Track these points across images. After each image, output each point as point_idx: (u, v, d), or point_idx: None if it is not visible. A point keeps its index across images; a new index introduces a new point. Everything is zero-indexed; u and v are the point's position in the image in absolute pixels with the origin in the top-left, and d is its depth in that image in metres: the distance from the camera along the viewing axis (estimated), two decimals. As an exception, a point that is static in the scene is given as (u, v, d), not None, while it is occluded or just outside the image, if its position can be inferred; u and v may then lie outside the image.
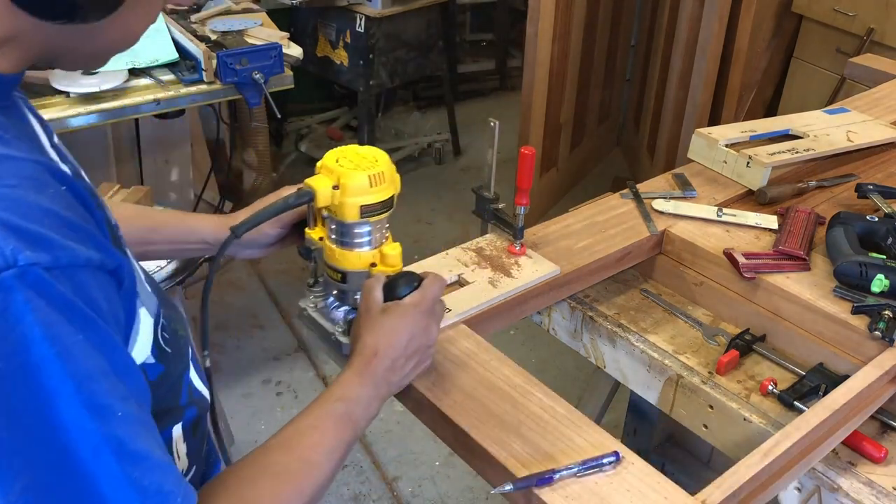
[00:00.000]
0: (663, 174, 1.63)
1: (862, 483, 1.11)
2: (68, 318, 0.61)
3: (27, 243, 0.60)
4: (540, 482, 0.93)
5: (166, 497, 0.64)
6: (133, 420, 0.64)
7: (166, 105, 2.22)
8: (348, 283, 1.08)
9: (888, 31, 3.05)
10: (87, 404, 0.61)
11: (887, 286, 1.26)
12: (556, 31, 3.17)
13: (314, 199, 1.00)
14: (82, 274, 0.63)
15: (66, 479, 0.60)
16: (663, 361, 1.29)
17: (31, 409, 0.59)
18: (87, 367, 0.61)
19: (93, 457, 0.61)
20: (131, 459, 0.62)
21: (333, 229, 1.05)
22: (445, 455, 2.48)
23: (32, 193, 0.63)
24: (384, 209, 1.03)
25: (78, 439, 0.60)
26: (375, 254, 1.06)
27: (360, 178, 1.00)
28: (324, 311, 1.13)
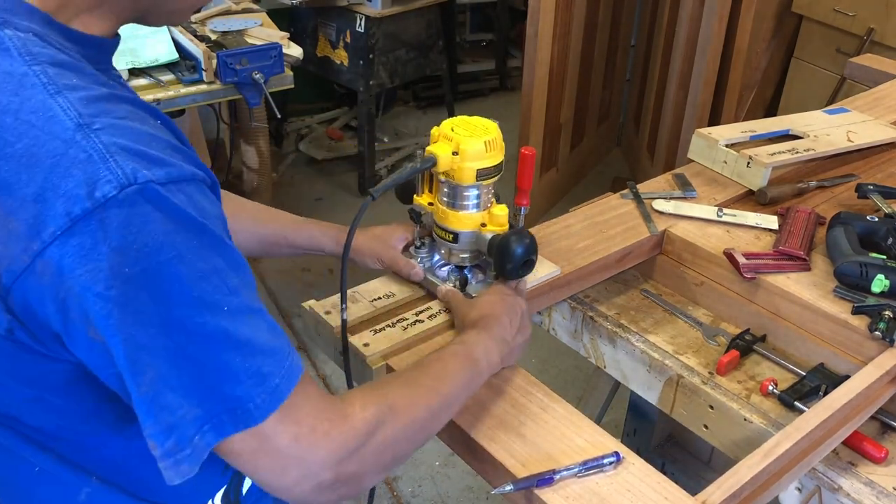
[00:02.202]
0: (663, 174, 1.63)
1: (862, 483, 1.11)
2: (184, 226, 0.69)
3: (143, 163, 0.69)
4: (540, 482, 0.93)
5: (264, 378, 0.73)
6: (240, 310, 0.73)
7: (166, 105, 2.22)
8: (459, 243, 1.19)
9: (888, 31, 3.05)
10: (200, 301, 0.70)
11: (887, 286, 1.26)
12: (556, 31, 3.17)
13: (436, 164, 1.11)
14: (190, 186, 0.72)
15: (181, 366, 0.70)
16: (663, 361, 1.29)
17: (154, 309, 0.68)
18: (201, 267, 0.70)
19: (202, 346, 0.70)
20: (235, 347, 0.71)
21: (447, 193, 1.16)
22: (445, 455, 2.48)
23: (139, 123, 0.72)
24: (496, 173, 1.14)
25: (191, 332, 0.70)
26: (484, 215, 1.17)
27: (478, 144, 1.10)
28: (430, 270, 1.24)
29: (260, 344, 0.74)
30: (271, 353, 0.74)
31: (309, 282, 3.22)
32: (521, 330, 1.11)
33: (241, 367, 0.72)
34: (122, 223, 0.67)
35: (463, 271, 1.23)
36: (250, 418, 0.72)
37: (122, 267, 0.67)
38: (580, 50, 3.49)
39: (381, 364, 1.10)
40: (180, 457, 0.71)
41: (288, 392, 0.74)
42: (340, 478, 0.78)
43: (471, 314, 1.10)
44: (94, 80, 0.74)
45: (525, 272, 1.16)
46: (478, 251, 1.20)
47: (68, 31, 0.76)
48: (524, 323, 1.12)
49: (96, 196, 0.66)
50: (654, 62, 3.64)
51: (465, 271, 1.23)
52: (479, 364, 1.00)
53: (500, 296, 1.13)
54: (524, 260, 1.13)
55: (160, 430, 0.70)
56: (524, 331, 1.12)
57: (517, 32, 4.76)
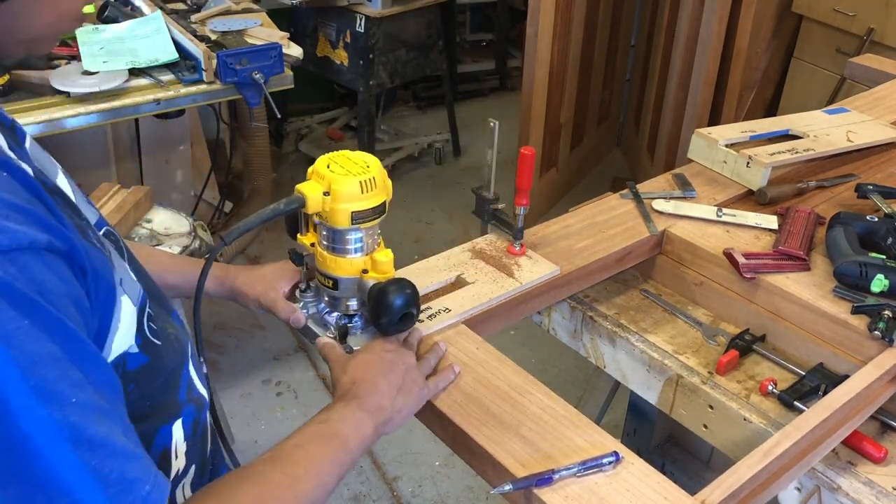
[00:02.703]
0: (663, 174, 1.63)
1: (862, 483, 1.11)
2: (11, 304, 0.58)
3: None
4: (540, 482, 0.93)
5: (131, 484, 0.62)
6: (89, 406, 0.61)
7: (166, 105, 2.22)
8: (340, 290, 1.08)
9: (888, 31, 3.05)
10: (36, 390, 0.58)
11: (887, 286, 1.26)
12: (556, 31, 3.17)
13: (304, 205, 1.00)
14: (25, 256, 0.60)
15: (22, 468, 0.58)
16: (663, 361, 1.29)
17: None
18: (34, 351, 0.59)
19: (47, 444, 0.58)
20: (88, 446, 0.60)
21: (325, 235, 1.05)
22: (445, 455, 2.48)
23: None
24: (375, 215, 1.02)
25: (30, 427, 0.58)
26: (367, 260, 1.06)
27: (352, 184, 0.99)
28: (315, 316, 1.13)
29: (119, 446, 0.62)
30: (134, 458, 0.63)
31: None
32: (405, 390, 1.00)
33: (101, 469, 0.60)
34: None
35: (351, 319, 1.11)
36: None
37: None
38: (580, 50, 3.49)
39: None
40: None
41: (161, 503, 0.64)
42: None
43: (343, 378, 0.99)
44: None
45: (404, 327, 1.05)
46: (363, 299, 1.08)
47: None
48: (409, 380, 1.01)
49: None
50: (654, 62, 3.64)
51: (355, 318, 1.11)
52: (348, 443, 0.89)
53: (379, 354, 1.02)
54: (402, 313, 1.02)
55: None
56: (409, 390, 1.00)
57: (517, 32, 4.76)
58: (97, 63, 2.17)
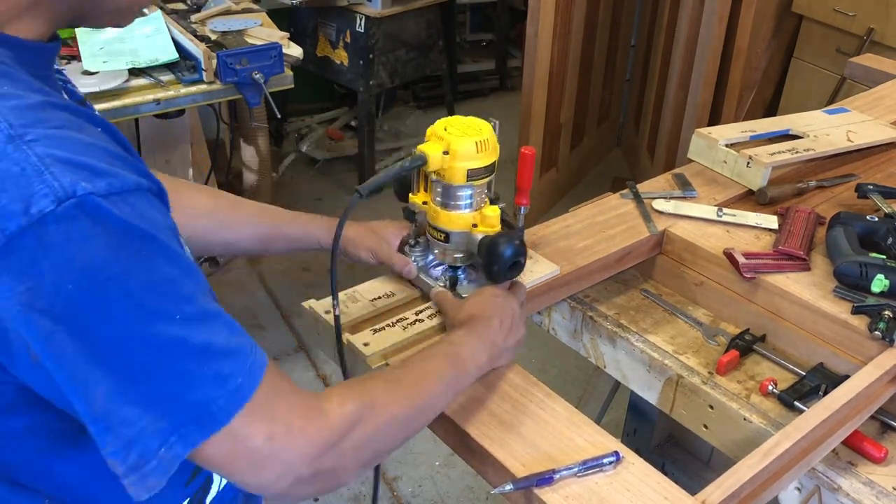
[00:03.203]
0: (663, 174, 1.63)
1: (862, 483, 1.11)
2: (129, 238, 0.67)
3: (82, 175, 0.65)
4: (540, 482, 0.93)
5: (225, 380, 0.71)
6: (194, 316, 0.71)
7: (166, 105, 2.21)
8: (451, 243, 1.18)
9: (888, 31, 3.05)
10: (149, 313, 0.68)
11: (887, 286, 1.26)
12: (556, 31, 3.17)
13: (426, 163, 1.10)
14: (134, 196, 0.68)
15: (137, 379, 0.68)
16: (663, 361, 1.29)
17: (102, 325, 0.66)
18: (149, 279, 0.68)
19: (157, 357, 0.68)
20: (191, 354, 0.70)
21: (439, 192, 1.16)
22: (445, 455, 2.48)
23: (76, 132, 0.69)
24: (487, 173, 1.13)
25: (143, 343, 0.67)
26: (476, 215, 1.16)
27: (468, 144, 1.10)
28: (424, 269, 1.23)
29: (218, 347, 0.72)
30: (231, 354, 0.73)
31: (309, 282, 3.22)
32: (513, 331, 1.09)
33: (200, 372, 0.70)
34: (61, 239, 0.64)
35: (456, 271, 1.22)
36: (215, 422, 0.71)
37: (65, 284, 0.64)
38: (580, 50, 3.49)
39: (381, 363, 1.10)
40: (146, 470, 0.69)
41: (252, 390, 0.73)
42: (319, 473, 0.77)
43: (459, 315, 1.09)
44: (27, 87, 0.70)
45: (513, 275, 1.15)
46: (471, 251, 1.19)
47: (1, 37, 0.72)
48: (516, 324, 1.10)
49: (32, 212, 0.63)
50: (654, 62, 3.64)
51: (459, 271, 1.22)
52: (466, 364, 0.99)
53: (491, 297, 1.12)
54: (511, 262, 1.12)
55: (121, 447, 0.68)
56: (515, 332, 1.10)
57: (517, 32, 4.76)
58: (97, 63, 2.17)
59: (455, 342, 1.01)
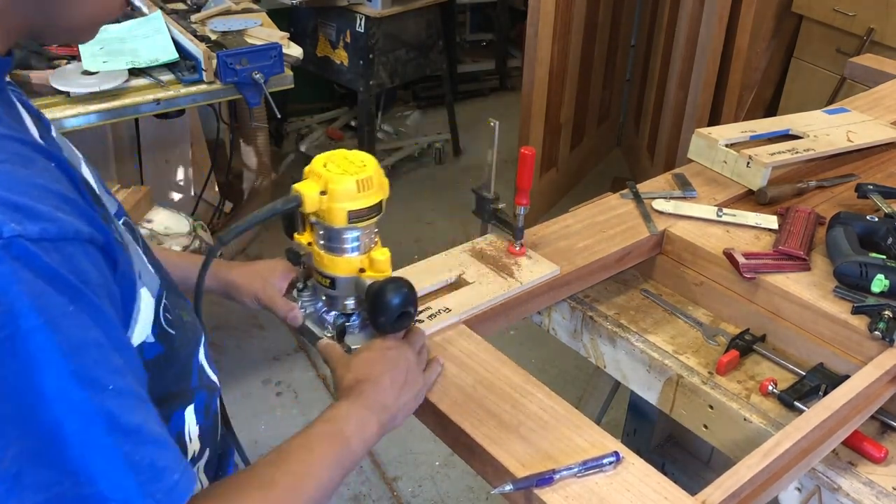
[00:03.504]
0: (663, 174, 1.63)
1: (862, 483, 1.11)
2: (57, 289, 0.60)
3: (13, 215, 0.59)
4: (540, 482, 0.93)
5: (161, 472, 0.64)
6: (126, 394, 0.63)
7: (166, 105, 2.22)
8: (337, 289, 1.07)
9: (888, 31, 3.05)
10: (76, 375, 0.60)
11: (887, 286, 1.26)
12: (556, 31, 3.17)
13: (301, 205, 1.00)
14: (71, 246, 0.62)
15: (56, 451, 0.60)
16: (663, 361, 1.29)
17: (20, 380, 0.59)
18: (78, 337, 0.61)
19: (82, 429, 0.60)
20: (122, 433, 0.62)
21: (321, 234, 1.05)
22: (445, 455, 2.48)
23: (20, 168, 0.63)
24: (373, 214, 1.02)
25: (66, 410, 0.60)
26: (364, 259, 1.06)
27: (348, 182, 0.99)
28: (313, 315, 1.12)
29: (153, 434, 0.64)
30: (165, 447, 0.65)
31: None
32: (407, 386, 1.00)
33: (132, 456, 0.62)
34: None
35: (349, 318, 1.11)
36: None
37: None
38: (580, 50, 3.49)
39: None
40: None
41: (187, 496, 0.65)
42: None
43: (346, 378, 0.99)
44: None
45: (402, 326, 1.04)
46: (360, 298, 1.08)
47: None
48: (412, 378, 1.02)
49: None
50: (654, 62, 3.64)
51: (353, 317, 1.11)
52: (350, 442, 0.90)
53: (381, 351, 1.02)
54: (399, 312, 1.01)
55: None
56: (412, 387, 1.01)
57: (517, 32, 4.76)
58: (97, 63, 2.17)
59: (338, 418, 0.92)
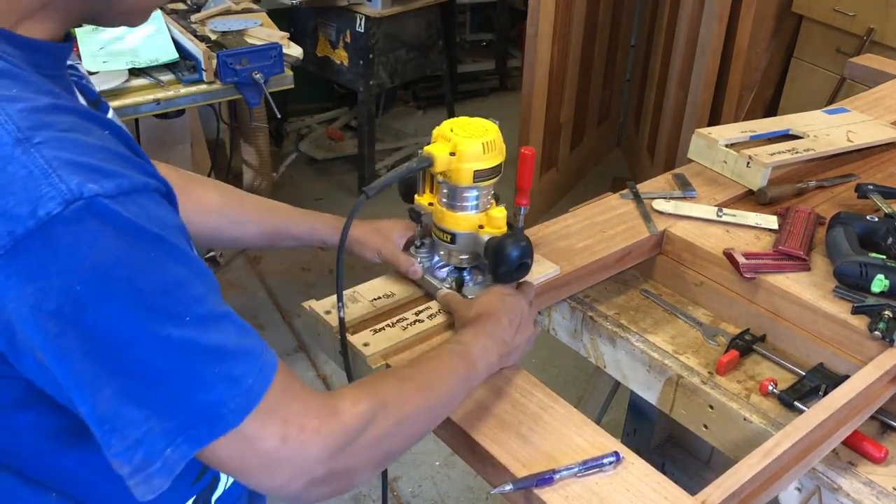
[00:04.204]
0: (663, 174, 1.63)
1: (862, 483, 1.11)
2: (139, 240, 0.67)
3: (90, 176, 0.65)
4: (540, 482, 0.93)
5: (236, 381, 0.71)
6: (205, 318, 0.71)
7: (166, 105, 2.22)
8: (457, 244, 1.18)
9: (888, 31, 3.05)
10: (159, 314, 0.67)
11: (887, 286, 1.26)
12: (556, 31, 3.17)
13: (433, 164, 1.10)
14: (143, 197, 0.69)
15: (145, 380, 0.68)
16: (663, 361, 1.29)
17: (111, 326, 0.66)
18: (159, 280, 0.68)
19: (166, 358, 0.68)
20: (202, 355, 0.70)
21: (445, 193, 1.16)
22: (445, 455, 2.48)
23: (83, 135, 0.69)
24: (494, 175, 1.13)
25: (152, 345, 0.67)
26: (482, 217, 1.16)
27: (475, 145, 1.09)
28: (430, 270, 1.23)
29: (229, 348, 0.72)
30: (242, 355, 0.73)
31: (309, 282, 3.22)
32: (522, 330, 1.10)
33: (210, 374, 0.70)
34: (69, 241, 0.64)
35: (461, 272, 1.22)
36: (225, 423, 0.71)
37: (73, 286, 0.64)
38: (580, 50, 3.49)
39: (381, 364, 1.10)
40: (151, 471, 0.69)
41: (263, 391, 0.73)
42: (333, 473, 0.77)
43: (469, 313, 1.10)
44: (36, 89, 0.70)
45: (519, 276, 1.15)
46: (476, 252, 1.19)
47: (12, 37, 0.72)
48: (525, 323, 1.11)
49: (40, 214, 0.63)
50: (654, 62, 3.64)
51: (464, 273, 1.22)
52: (476, 363, 0.99)
53: (500, 295, 1.12)
54: (518, 263, 1.11)
55: (126, 447, 0.68)
56: (525, 331, 1.10)
57: (517, 32, 4.76)
58: (97, 63, 2.17)
59: (465, 341, 1.01)
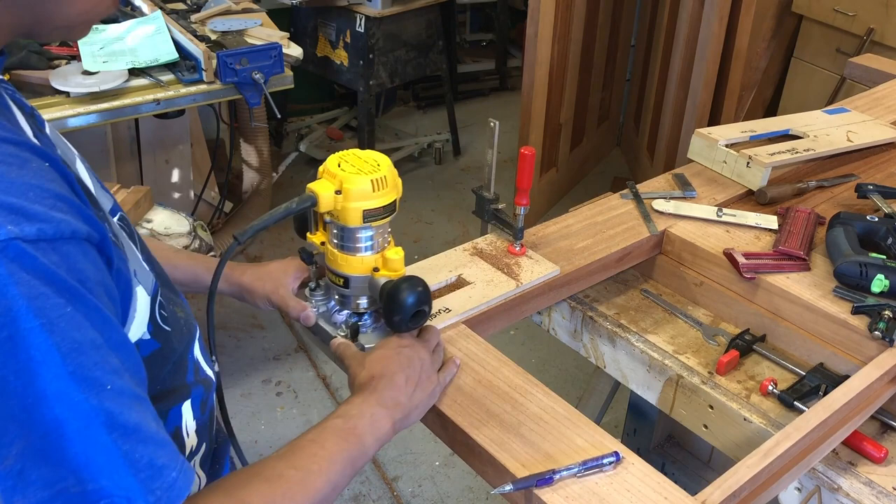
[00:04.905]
0: (663, 174, 1.63)
1: (862, 483, 1.11)
2: (54, 291, 0.61)
3: (10, 217, 0.60)
4: (540, 482, 0.93)
5: (159, 471, 0.64)
6: (124, 393, 0.64)
7: (166, 105, 2.22)
8: (351, 288, 1.08)
9: (888, 31, 3.05)
10: (75, 376, 0.61)
11: (887, 286, 1.26)
12: (556, 31, 3.17)
13: (316, 204, 1.00)
14: (68, 245, 0.63)
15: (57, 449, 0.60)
16: (663, 361, 1.29)
17: (20, 381, 0.59)
18: (76, 338, 0.61)
19: (81, 428, 0.61)
20: (121, 432, 0.62)
21: (335, 234, 1.06)
22: (445, 455, 2.48)
23: (16, 169, 0.63)
24: (387, 213, 1.03)
25: (66, 411, 0.60)
26: (378, 258, 1.07)
27: (363, 182, 1.00)
28: (325, 315, 1.13)
29: (150, 432, 0.65)
30: (163, 445, 0.66)
31: (309, 282, 3.22)
32: (421, 385, 1.00)
33: (132, 454, 0.62)
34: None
35: (361, 317, 1.12)
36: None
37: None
38: (580, 50, 3.49)
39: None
40: None
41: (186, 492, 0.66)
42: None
43: (360, 375, 0.99)
44: None
45: (416, 324, 1.05)
46: (373, 297, 1.09)
47: None
48: (426, 376, 1.02)
49: None
50: (654, 62, 3.64)
51: (365, 317, 1.12)
52: (363, 438, 0.90)
53: (396, 349, 1.02)
54: (414, 311, 1.02)
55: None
56: (425, 386, 1.01)
57: (517, 32, 4.76)
58: (97, 63, 2.17)
59: (351, 415, 0.91)
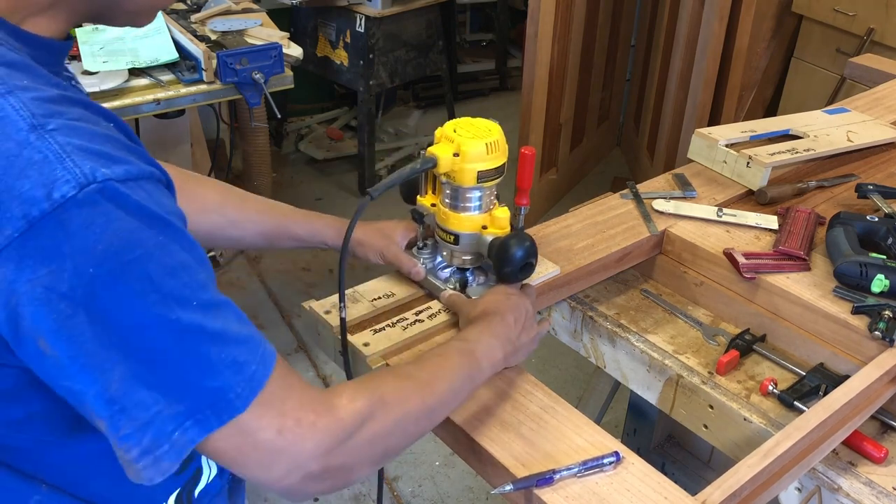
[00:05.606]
0: (663, 174, 1.63)
1: (862, 483, 1.11)
2: (148, 224, 0.69)
3: (101, 161, 0.68)
4: (540, 482, 0.93)
5: (240, 367, 0.72)
6: (209, 304, 0.72)
7: (166, 105, 2.22)
8: (460, 245, 1.18)
9: (888, 31, 3.05)
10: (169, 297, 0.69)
11: (887, 286, 1.26)
12: (556, 31, 3.17)
13: (437, 165, 1.11)
14: (149, 184, 0.71)
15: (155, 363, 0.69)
16: (663, 361, 1.29)
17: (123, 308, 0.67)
18: (168, 263, 0.70)
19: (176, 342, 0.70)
20: (209, 340, 0.71)
21: (449, 194, 1.16)
22: (445, 455, 2.48)
23: (91, 124, 0.71)
24: (497, 175, 1.13)
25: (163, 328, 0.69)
26: (486, 217, 1.17)
27: (479, 145, 1.10)
28: (432, 271, 1.24)
29: (232, 334, 0.73)
30: (244, 342, 0.74)
31: (309, 282, 3.22)
32: (526, 329, 1.10)
33: (217, 358, 0.71)
34: (83, 223, 0.66)
35: (464, 273, 1.22)
36: (232, 409, 0.72)
37: (87, 267, 0.66)
38: (580, 50, 3.49)
39: (380, 364, 1.10)
40: (159, 453, 0.70)
41: (265, 378, 0.74)
42: (329, 469, 0.77)
43: (474, 312, 1.10)
44: (45, 81, 0.72)
45: (524, 276, 1.15)
46: (479, 253, 1.19)
47: (19, 33, 0.74)
48: (529, 323, 1.11)
49: (55, 197, 0.65)
50: (654, 62, 3.64)
51: (467, 273, 1.22)
52: (481, 361, 0.99)
53: (505, 295, 1.12)
54: (523, 263, 1.12)
55: (135, 429, 0.69)
56: (529, 330, 1.10)
57: (517, 32, 4.76)
58: (97, 63, 2.17)
59: (469, 339, 1.01)
